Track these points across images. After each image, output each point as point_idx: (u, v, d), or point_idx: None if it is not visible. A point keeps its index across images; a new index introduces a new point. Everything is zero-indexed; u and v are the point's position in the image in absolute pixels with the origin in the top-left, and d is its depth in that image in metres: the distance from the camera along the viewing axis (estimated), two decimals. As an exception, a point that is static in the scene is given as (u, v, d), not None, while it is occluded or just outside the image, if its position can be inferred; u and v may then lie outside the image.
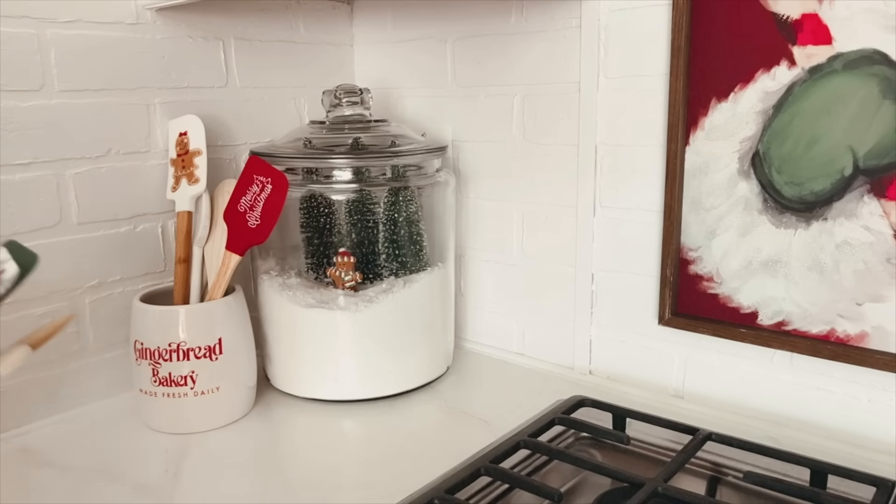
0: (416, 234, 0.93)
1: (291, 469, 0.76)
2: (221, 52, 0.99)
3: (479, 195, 1.06)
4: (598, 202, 0.93)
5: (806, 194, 0.76)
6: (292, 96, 1.09)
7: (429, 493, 0.65)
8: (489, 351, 1.08)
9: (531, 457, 0.76)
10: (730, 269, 0.83)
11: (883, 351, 0.74)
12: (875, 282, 0.74)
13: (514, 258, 1.04)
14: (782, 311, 0.80)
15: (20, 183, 0.81)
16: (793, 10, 0.74)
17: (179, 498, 0.71)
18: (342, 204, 0.89)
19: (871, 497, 0.63)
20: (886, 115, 0.70)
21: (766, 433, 0.79)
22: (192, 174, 0.87)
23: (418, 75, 1.09)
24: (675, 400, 0.90)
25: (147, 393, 0.83)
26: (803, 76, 0.74)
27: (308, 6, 1.09)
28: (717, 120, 0.80)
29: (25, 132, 0.81)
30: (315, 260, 0.91)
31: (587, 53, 0.90)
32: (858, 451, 0.75)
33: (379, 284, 0.90)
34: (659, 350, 0.91)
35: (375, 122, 0.95)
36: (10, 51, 0.79)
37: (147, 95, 0.91)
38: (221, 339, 0.83)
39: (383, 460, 0.78)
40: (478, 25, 1.00)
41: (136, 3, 0.89)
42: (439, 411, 0.89)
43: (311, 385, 0.91)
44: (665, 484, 0.65)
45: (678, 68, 0.81)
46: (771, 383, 0.83)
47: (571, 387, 0.93)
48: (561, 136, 0.95)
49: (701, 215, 0.84)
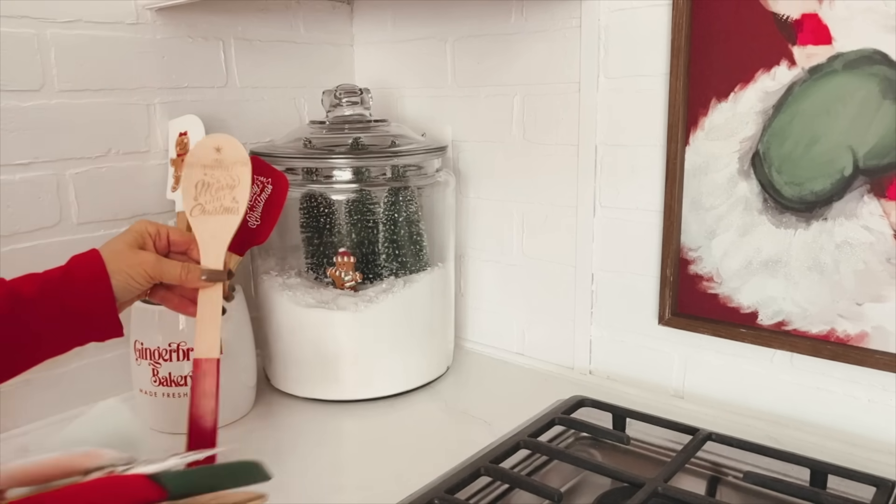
0: (416, 234, 0.93)
1: (291, 469, 0.76)
2: (221, 52, 0.99)
3: (479, 195, 1.06)
4: (598, 202, 0.93)
5: (806, 194, 0.76)
6: (292, 96, 1.09)
7: (429, 493, 0.65)
8: (489, 351, 1.08)
9: (531, 457, 0.76)
10: (730, 269, 0.83)
11: (883, 351, 0.74)
12: (875, 282, 0.74)
13: (514, 258, 1.04)
14: (782, 311, 0.80)
15: (20, 183, 0.81)
16: (793, 10, 0.74)
17: (179, 498, 0.71)
18: (342, 204, 0.89)
19: (871, 497, 0.63)
20: (886, 115, 0.70)
21: (766, 433, 0.79)
22: (193, 174, 0.87)
23: (418, 75, 1.09)
24: (675, 400, 0.90)
25: (147, 393, 0.83)
26: (803, 76, 0.74)
27: (308, 6, 1.09)
28: (717, 120, 0.80)
29: (25, 132, 0.81)
30: (315, 260, 0.91)
31: (587, 53, 0.90)
32: (858, 451, 0.75)
33: (379, 284, 0.90)
34: (659, 350, 0.91)
35: (375, 122, 0.95)
36: (10, 51, 0.79)
37: (147, 95, 0.91)
38: (221, 339, 0.83)
39: (383, 460, 0.78)
40: (478, 25, 1.00)
41: (136, 3, 0.89)
42: (439, 411, 0.89)
43: (311, 385, 0.91)
44: (665, 484, 0.65)
45: (678, 68, 0.81)
46: (771, 383, 0.83)
47: (571, 387, 0.92)
48: (561, 136, 0.95)
49: (701, 215, 0.84)
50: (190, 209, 0.71)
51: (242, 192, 0.71)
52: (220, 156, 0.72)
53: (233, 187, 0.72)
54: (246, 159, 0.72)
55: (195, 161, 0.72)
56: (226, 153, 0.73)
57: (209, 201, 0.71)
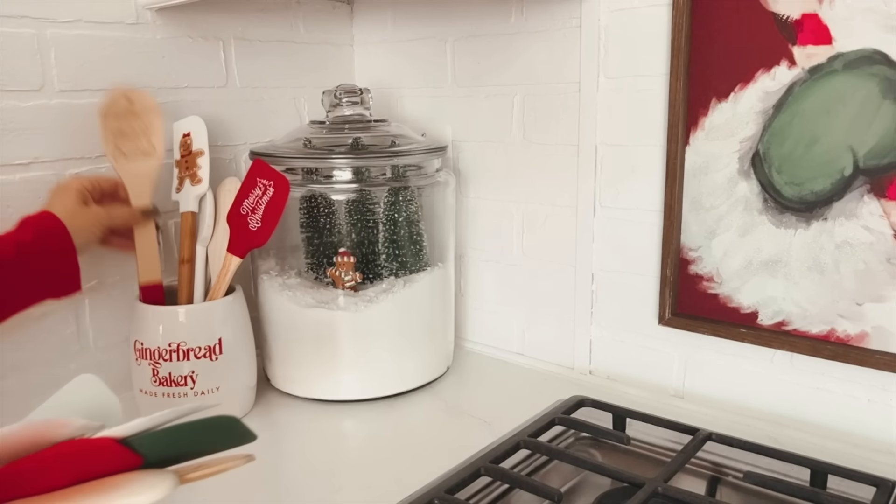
0: (416, 234, 0.93)
1: (291, 469, 0.76)
2: (221, 52, 0.99)
3: (479, 195, 1.06)
4: (598, 202, 0.93)
5: (806, 194, 0.76)
6: (292, 96, 1.09)
7: (429, 493, 0.65)
8: (489, 351, 1.08)
9: (531, 457, 0.76)
10: (730, 269, 0.83)
11: (883, 351, 0.74)
12: (875, 282, 0.74)
13: (514, 258, 1.04)
14: (782, 311, 0.80)
15: (20, 183, 0.81)
16: (793, 10, 0.74)
17: (179, 498, 0.71)
18: (342, 204, 0.89)
19: (871, 497, 0.63)
20: (886, 115, 0.70)
21: (766, 433, 0.79)
22: (195, 175, 0.87)
23: (418, 75, 1.09)
24: (675, 400, 0.90)
25: (147, 393, 0.83)
26: (803, 76, 0.74)
27: (308, 6, 1.09)
28: (717, 120, 0.80)
29: (25, 132, 0.81)
30: (315, 260, 0.91)
31: (587, 53, 0.90)
32: (858, 451, 0.74)
33: (379, 284, 0.90)
34: (659, 350, 0.91)
35: (375, 122, 0.95)
36: (10, 51, 0.79)
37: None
38: (221, 339, 0.83)
39: (383, 460, 0.78)
40: (478, 25, 1.00)
41: (136, 3, 0.89)
42: (439, 411, 0.89)
43: (311, 385, 0.91)
44: (665, 484, 0.65)
45: (678, 68, 0.81)
46: (771, 383, 0.83)
47: (571, 387, 0.92)
48: (561, 136, 0.95)
49: (701, 215, 0.84)
50: (111, 155, 0.81)
51: (157, 137, 0.82)
52: (133, 106, 0.82)
53: (147, 133, 0.82)
54: (157, 107, 0.82)
55: (109, 111, 0.82)
56: (138, 104, 0.82)
57: (129, 148, 0.81)
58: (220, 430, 0.42)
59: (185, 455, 0.40)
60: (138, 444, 0.39)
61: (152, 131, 0.82)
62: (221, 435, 0.42)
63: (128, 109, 0.82)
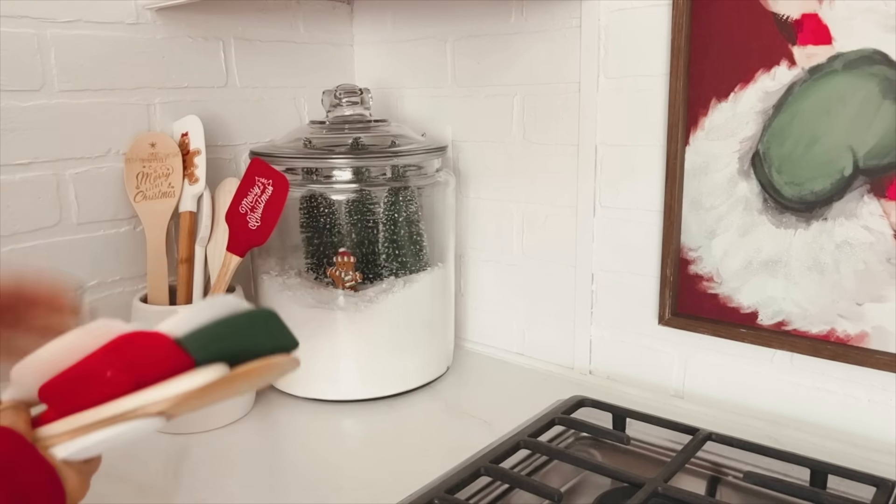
0: (416, 234, 0.93)
1: (291, 469, 0.76)
2: (221, 52, 0.99)
3: (479, 195, 1.06)
4: (598, 202, 0.93)
5: (806, 194, 0.76)
6: (292, 96, 1.09)
7: (429, 493, 0.65)
8: (489, 351, 1.08)
9: (531, 457, 0.76)
10: (730, 269, 0.83)
11: (883, 351, 0.74)
12: (875, 282, 0.74)
13: (514, 258, 1.04)
14: (782, 311, 0.80)
15: (20, 183, 0.81)
16: (793, 10, 0.74)
17: (179, 498, 0.71)
18: (342, 204, 0.89)
19: (871, 497, 0.63)
20: (886, 115, 0.70)
21: (766, 433, 0.79)
22: (193, 174, 0.87)
23: (418, 75, 1.09)
24: (675, 400, 0.90)
25: (147, 393, 0.83)
26: (803, 76, 0.74)
27: (308, 6, 1.09)
28: (717, 120, 0.80)
29: (25, 132, 0.81)
30: (315, 260, 0.91)
31: (587, 53, 0.90)
32: (858, 451, 0.74)
33: (379, 284, 0.89)
34: (659, 350, 0.91)
35: (375, 122, 0.95)
36: (10, 51, 0.79)
37: (147, 95, 0.91)
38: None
39: (383, 460, 0.78)
40: (478, 25, 1.00)
41: (136, 3, 0.89)
42: (439, 411, 0.89)
43: (311, 385, 0.91)
44: (665, 484, 0.65)
45: (678, 68, 0.81)
46: (771, 383, 0.83)
47: (571, 387, 0.92)
48: (561, 136, 0.95)
49: (701, 215, 0.84)
50: (133, 196, 0.87)
51: (177, 178, 0.87)
52: (155, 150, 0.88)
53: (168, 175, 0.87)
54: (177, 151, 0.88)
55: (134, 156, 0.88)
56: (160, 147, 0.88)
57: (149, 188, 0.87)
58: (261, 325, 0.42)
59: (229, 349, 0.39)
60: (190, 347, 0.38)
61: (173, 174, 0.87)
62: (263, 332, 0.42)
63: (151, 153, 0.87)
